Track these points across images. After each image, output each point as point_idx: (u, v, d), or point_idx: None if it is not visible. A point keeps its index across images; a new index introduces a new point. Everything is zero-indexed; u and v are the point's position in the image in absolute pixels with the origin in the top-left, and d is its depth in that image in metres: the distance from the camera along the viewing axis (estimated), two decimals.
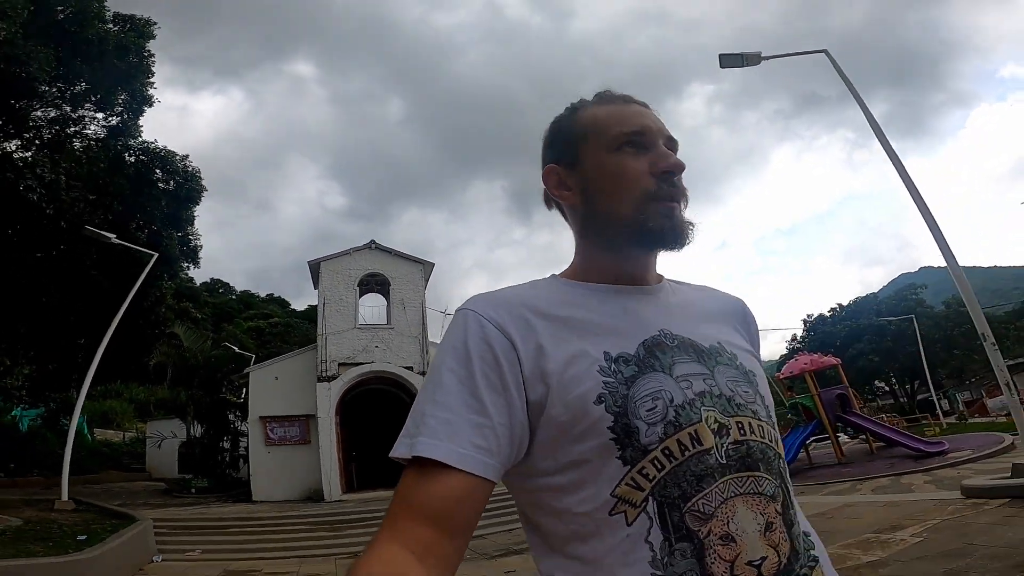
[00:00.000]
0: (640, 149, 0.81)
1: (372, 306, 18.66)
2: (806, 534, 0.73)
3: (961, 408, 34.24)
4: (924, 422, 25.90)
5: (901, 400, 38.88)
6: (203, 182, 16.99)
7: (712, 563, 0.65)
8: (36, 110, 15.50)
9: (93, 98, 16.17)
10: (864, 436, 19.25)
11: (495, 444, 0.68)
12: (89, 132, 16.69)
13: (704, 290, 0.93)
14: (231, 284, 74.82)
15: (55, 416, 23.41)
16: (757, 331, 0.94)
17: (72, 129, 16.43)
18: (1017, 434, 16.61)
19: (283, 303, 76.61)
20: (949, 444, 15.24)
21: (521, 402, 0.71)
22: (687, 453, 0.69)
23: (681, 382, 0.73)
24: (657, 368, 0.74)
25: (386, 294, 18.30)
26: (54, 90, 15.30)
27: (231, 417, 21.26)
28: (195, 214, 17.47)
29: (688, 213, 0.82)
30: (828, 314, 41.75)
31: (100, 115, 16.65)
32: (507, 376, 0.71)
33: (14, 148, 15.29)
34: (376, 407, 17.75)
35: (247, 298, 70.58)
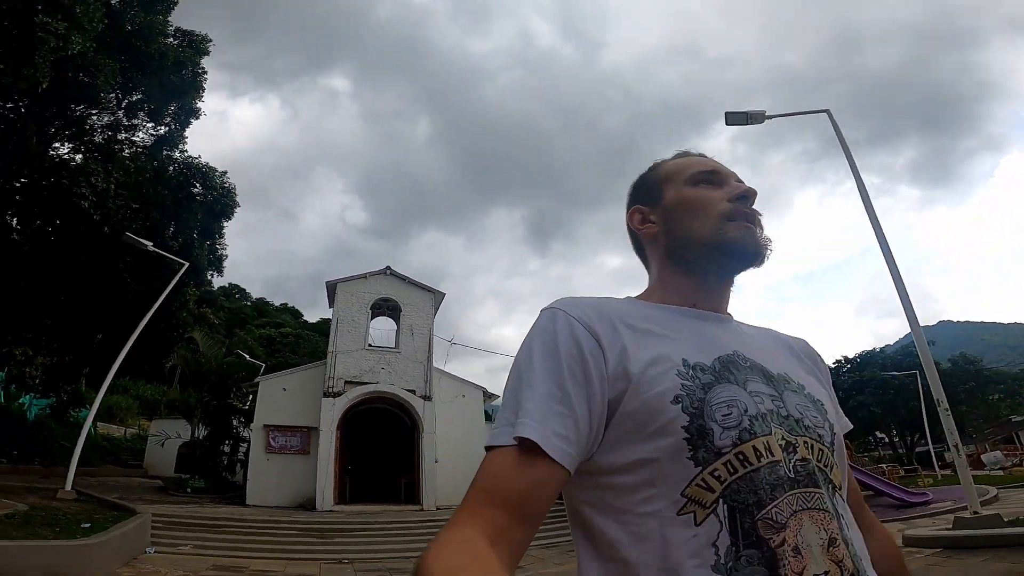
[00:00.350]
0: (714, 185, 0.90)
1: (382, 329, 19.28)
2: (863, 557, 0.74)
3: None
4: (915, 474, 26.02)
5: (900, 452, 38.80)
6: (237, 198, 17.87)
7: (785, 573, 0.65)
8: (93, 116, 16.53)
9: (146, 107, 17.20)
10: None
11: (575, 435, 0.70)
12: (137, 139, 17.67)
13: (770, 330, 0.97)
14: (247, 290, 75.79)
15: (64, 407, 24.07)
16: (825, 367, 0.97)
17: (123, 136, 17.42)
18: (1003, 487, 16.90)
19: (296, 313, 77.42)
20: (933, 495, 15.46)
21: (603, 398, 0.74)
22: (762, 460, 0.70)
23: (755, 396, 0.76)
24: (732, 381, 0.76)
25: (396, 319, 18.98)
26: (111, 98, 16.28)
27: (235, 422, 21.86)
28: (225, 228, 18.29)
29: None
30: (833, 366, 41.95)
31: (150, 124, 17.70)
32: (591, 372, 0.74)
33: (67, 151, 16.35)
34: (376, 425, 18.30)
35: (261, 305, 71.30)
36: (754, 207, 0.89)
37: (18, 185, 14.88)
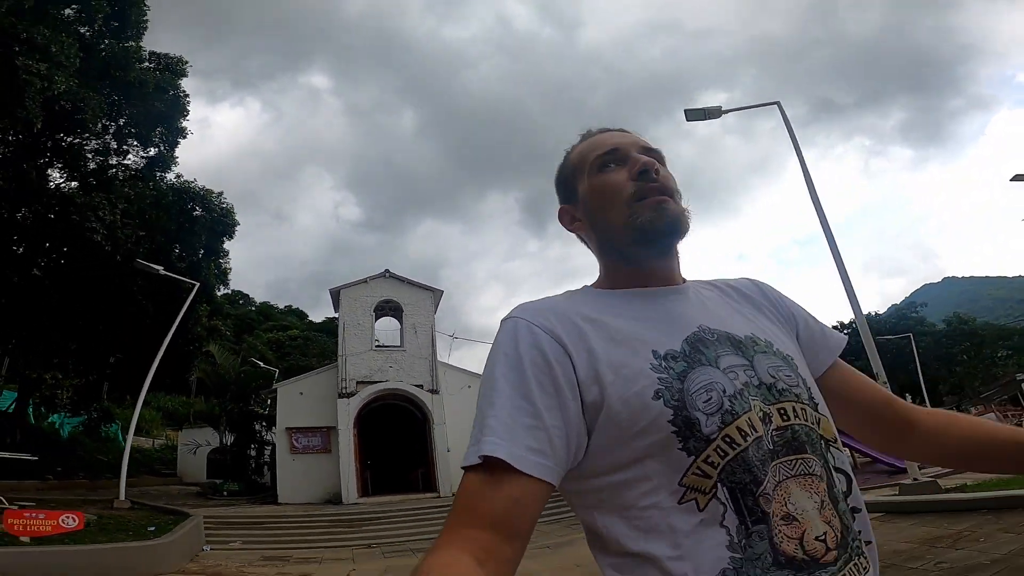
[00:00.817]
0: (619, 163, 0.87)
1: (386, 329, 20.63)
2: (855, 510, 0.76)
3: None
4: None
5: None
6: (236, 216, 19.09)
7: (781, 542, 0.68)
8: (85, 145, 17.50)
9: (134, 132, 18.13)
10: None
11: (549, 447, 0.69)
12: (129, 162, 18.69)
13: (719, 284, 0.95)
14: (251, 296, 76.50)
15: (96, 424, 25.55)
16: (778, 296, 0.97)
17: (115, 160, 18.39)
18: None
19: (301, 315, 77.88)
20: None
21: (576, 404, 0.73)
22: (748, 439, 0.72)
23: (728, 373, 0.76)
24: (704, 362, 0.76)
25: (399, 318, 20.36)
26: (100, 126, 17.15)
27: (257, 427, 23.34)
28: (227, 245, 19.52)
29: (684, 204, 0.87)
30: None
31: (139, 147, 18.59)
32: (560, 379, 0.73)
33: (62, 179, 17.28)
34: (390, 420, 19.75)
35: (266, 309, 71.45)
36: (662, 175, 0.86)
37: (24, 218, 15.87)
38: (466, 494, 0.69)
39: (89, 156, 17.74)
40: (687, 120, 11.94)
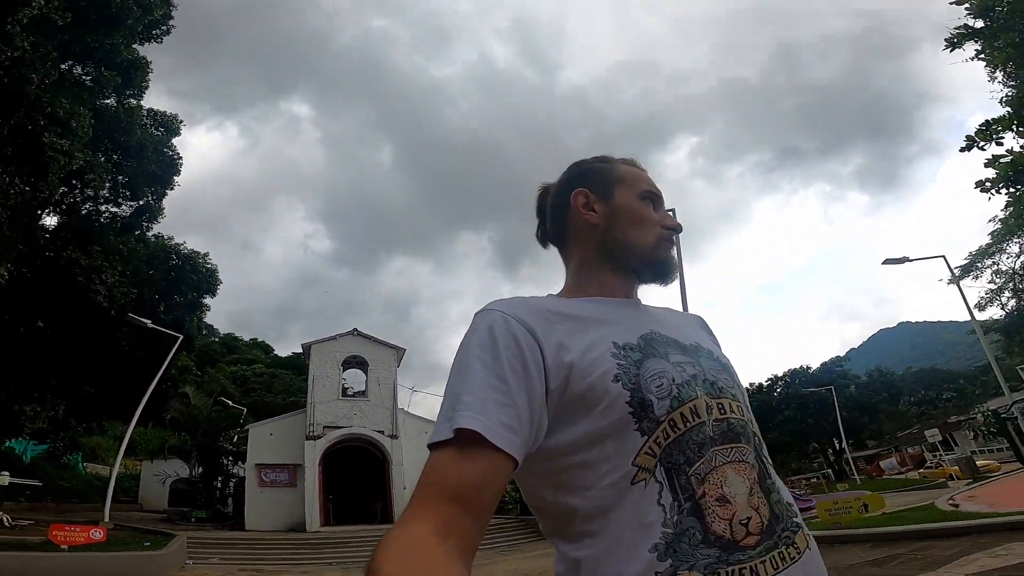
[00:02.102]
0: (655, 208, 1.01)
1: (352, 382, 23.01)
2: (789, 504, 0.82)
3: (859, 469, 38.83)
4: (843, 479, 29.90)
5: (831, 459, 43.70)
6: (219, 275, 21.25)
7: (712, 521, 0.74)
8: (85, 200, 19.57)
9: (129, 188, 20.14)
10: None
11: (518, 424, 0.73)
12: (118, 211, 20.38)
13: (670, 308, 1.07)
14: (215, 326, 76.74)
15: (62, 452, 27.01)
16: (715, 337, 1.08)
17: (104, 207, 20.10)
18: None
19: (266, 348, 77.55)
20: (816, 500, 16.80)
21: (542, 389, 0.78)
22: (689, 424, 0.79)
23: (677, 366, 0.85)
24: (657, 355, 0.85)
25: (365, 371, 22.86)
26: (104, 189, 19.28)
27: (224, 461, 25.16)
28: (207, 303, 21.59)
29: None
30: (766, 383, 47.38)
31: (131, 199, 20.46)
32: (530, 364, 0.78)
33: (54, 224, 19.01)
34: (352, 460, 22.00)
35: (230, 341, 70.59)
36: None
37: (33, 276, 17.81)
38: (434, 469, 0.70)
39: (83, 207, 19.78)
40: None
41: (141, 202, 20.78)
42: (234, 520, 20.94)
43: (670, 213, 1.07)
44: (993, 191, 11.38)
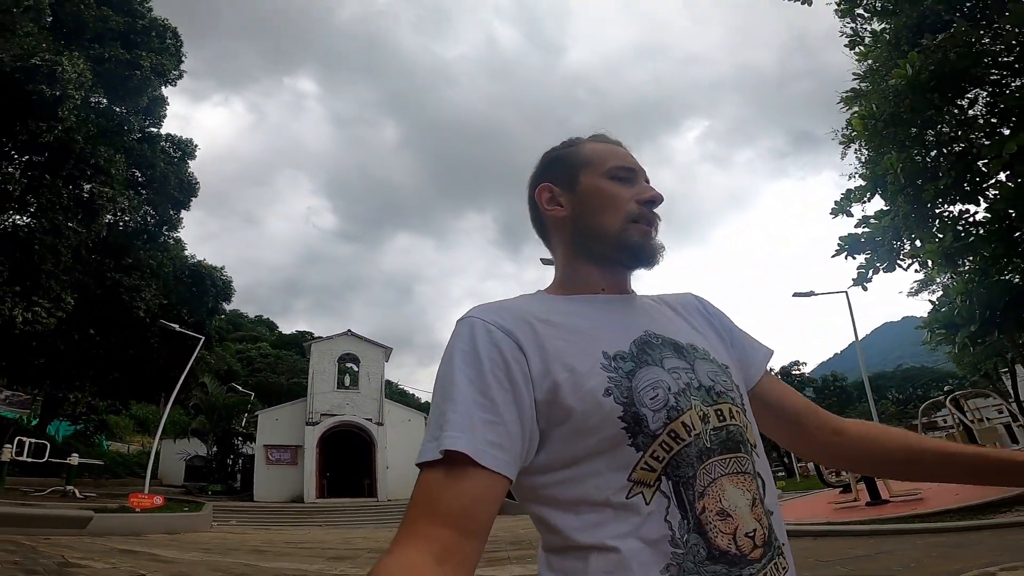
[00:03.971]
0: (628, 182, 0.91)
1: (346, 374, 26.84)
2: (769, 512, 0.78)
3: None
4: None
5: (784, 460, 47.63)
6: (233, 285, 25.10)
7: (715, 537, 0.70)
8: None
9: (154, 209, 23.64)
10: None
11: (507, 441, 0.70)
12: (140, 220, 23.64)
13: (664, 297, 0.99)
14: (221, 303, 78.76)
15: (93, 432, 31.08)
16: (716, 311, 1.00)
17: (127, 217, 23.06)
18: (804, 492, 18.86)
19: (271, 325, 79.84)
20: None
21: (531, 400, 0.74)
22: (691, 434, 0.74)
23: (672, 373, 0.79)
24: (651, 362, 0.79)
25: (357, 366, 26.61)
26: (138, 216, 23.00)
27: (235, 442, 29.17)
28: (226, 307, 25.45)
29: (662, 238, 0.91)
30: None
31: (155, 216, 24.09)
32: (516, 375, 0.74)
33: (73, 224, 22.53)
34: (345, 443, 25.97)
35: (235, 318, 72.78)
36: (656, 211, 0.91)
37: (91, 297, 21.52)
38: (424, 491, 0.68)
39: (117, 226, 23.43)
40: None
41: (163, 217, 24.52)
42: (244, 493, 24.94)
43: (655, 190, 0.92)
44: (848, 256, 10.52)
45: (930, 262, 9.74)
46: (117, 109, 22.34)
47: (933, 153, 9.23)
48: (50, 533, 9.76)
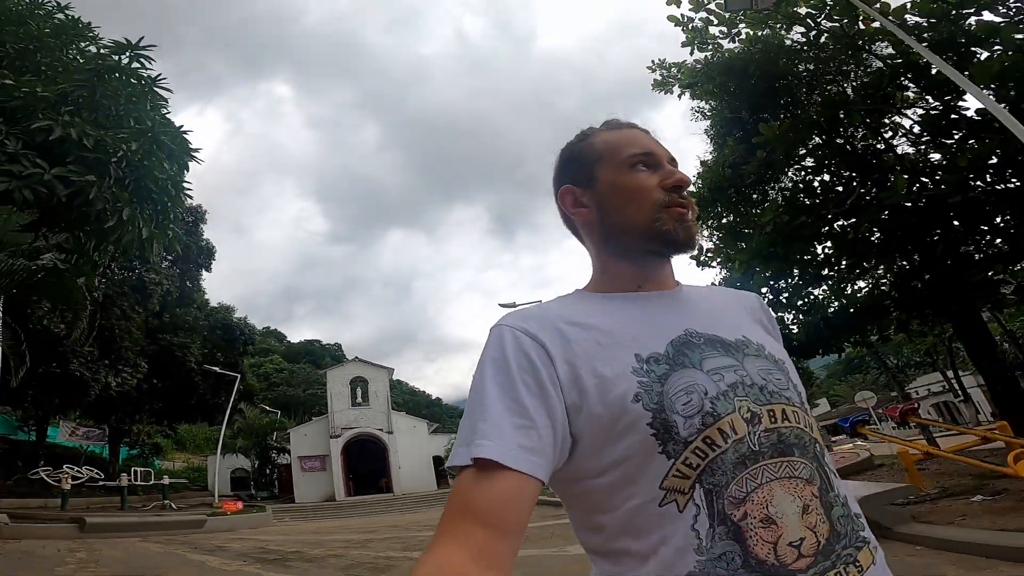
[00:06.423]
0: (650, 168, 0.89)
1: (357, 389, 32.66)
2: (856, 516, 0.75)
3: None
4: None
5: None
6: (257, 331, 30.86)
7: (755, 545, 0.68)
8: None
9: (183, 275, 29.68)
10: None
11: (539, 444, 0.71)
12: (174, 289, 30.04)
13: (717, 289, 0.98)
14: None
15: (148, 455, 37.04)
16: (773, 322, 0.96)
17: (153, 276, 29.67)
18: None
19: (279, 336, 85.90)
20: None
21: (560, 404, 0.75)
22: (729, 440, 0.72)
23: (713, 375, 0.76)
24: (687, 364, 0.77)
25: (366, 386, 32.43)
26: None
27: (272, 455, 35.10)
28: (250, 348, 31.26)
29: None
30: None
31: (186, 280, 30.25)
32: (544, 380, 0.75)
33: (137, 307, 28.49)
34: (363, 450, 31.94)
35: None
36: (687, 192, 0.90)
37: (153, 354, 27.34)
38: (459, 493, 0.70)
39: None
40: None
41: (193, 284, 30.32)
42: (283, 496, 30.88)
43: (680, 172, 0.89)
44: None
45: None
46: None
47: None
48: (184, 533, 15.46)
